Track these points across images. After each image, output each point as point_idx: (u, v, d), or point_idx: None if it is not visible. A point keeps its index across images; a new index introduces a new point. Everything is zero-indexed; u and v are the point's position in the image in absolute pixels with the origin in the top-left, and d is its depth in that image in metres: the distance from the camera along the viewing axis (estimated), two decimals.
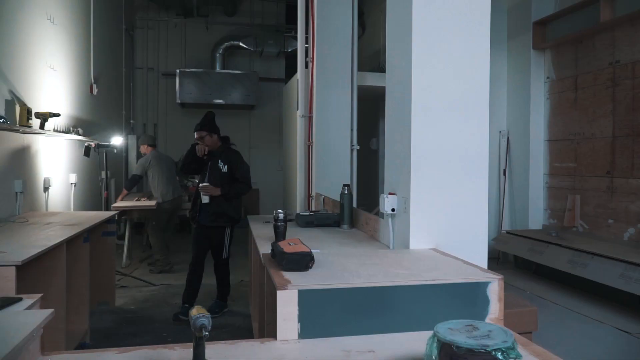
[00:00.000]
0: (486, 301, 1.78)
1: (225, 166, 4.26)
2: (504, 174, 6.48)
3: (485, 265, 2.30)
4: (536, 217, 6.18)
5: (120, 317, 4.26)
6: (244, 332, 3.95)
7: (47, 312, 1.31)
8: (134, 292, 5.02)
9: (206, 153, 4.25)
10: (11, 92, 3.99)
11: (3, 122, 3.46)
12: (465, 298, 1.78)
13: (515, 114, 6.41)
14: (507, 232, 6.03)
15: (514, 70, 6.43)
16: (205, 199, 4.17)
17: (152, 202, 5.86)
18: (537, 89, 6.18)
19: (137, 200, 6.09)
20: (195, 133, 4.27)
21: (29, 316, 1.30)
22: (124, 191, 6.12)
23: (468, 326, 1.34)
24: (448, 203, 2.41)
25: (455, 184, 2.43)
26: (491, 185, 6.13)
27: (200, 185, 4.20)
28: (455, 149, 2.43)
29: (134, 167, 6.06)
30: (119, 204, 5.95)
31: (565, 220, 5.74)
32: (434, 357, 1.29)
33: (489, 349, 1.21)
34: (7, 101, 3.90)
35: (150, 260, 6.23)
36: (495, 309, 1.78)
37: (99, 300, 4.32)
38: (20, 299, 1.48)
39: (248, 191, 4.39)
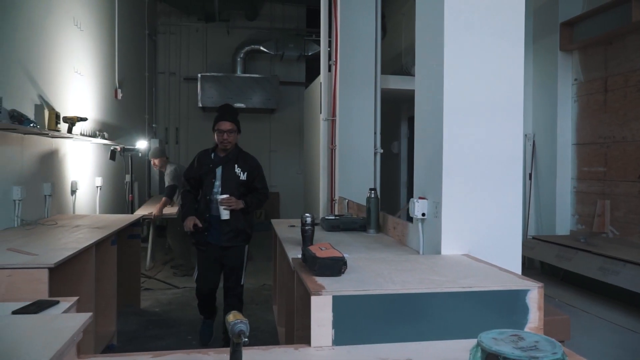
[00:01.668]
0: (525, 310, 1.73)
1: (245, 173, 3.54)
2: (530, 178, 6.37)
3: (519, 272, 2.25)
4: (563, 223, 6.06)
5: (145, 320, 4.28)
6: (267, 336, 3.93)
7: (86, 315, 1.30)
8: (158, 294, 5.05)
9: (192, 230, 3.51)
10: (40, 97, 4.05)
11: (33, 126, 3.51)
12: (503, 306, 1.73)
13: (541, 116, 6.30)
14: (534, 238, 5.92)
15: (540, 72, 6.32)
16: (225, 215, 3.41)
17: (174, 210, 5.85)
18: (565, 91, 6.07)
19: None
20: (218, 124, 3.50)
21: (68, 320, 1.29)
22: (165, 199, 5.84)
23: (513, 336, 1.30)
24: (481, 208, 2.36)
25: (488, 188, 2.38)
26: None
27: (220, 198, 3.41)
28: (489, 152, 2.38)
29: (167, 179, 5.97)
30: (147, 209, 5.97)
31: (594, 226, 5.61)
32: None
33: None
34: (36, 106, 3.96)
35: (173, 263, 6.27)
36: (534, 317, 1.73)
37: (125, 302, 4.34)
38: (57, 302, 1.48)
39: (265, 203, 3.78)
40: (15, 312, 1.49)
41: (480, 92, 2.37)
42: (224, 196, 3.40)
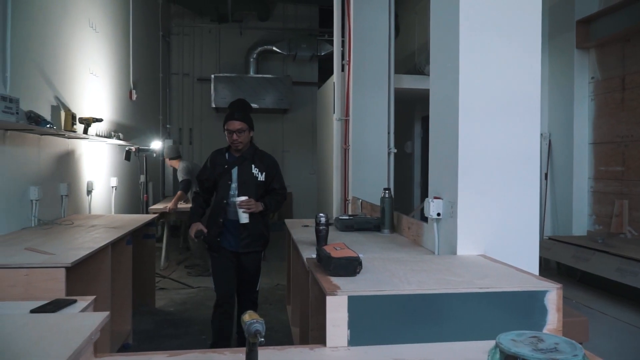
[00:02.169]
0: (544, 311, 1.70)
1: (263, 173, 3.29)
2: (546, 177, 6.30)
3: (536, 272, 2.22)
4: (580, 223, 5.98)
5: (160, 319, 4.30)
6: (281, 336, 3.93)
7: (103, 314, 1.31)
8: (173, 294, 5.08)
9: (194, 238, 3.34)
10: (56, 98, 4.09)
11: (50, 127, 3.55)
12: (521, 307, 1.70)
13: (557, 115, 6.22)
14: (550, 238, 5.84)
15: (556, 70, 6.25)
16: (244, 218, 3.15)
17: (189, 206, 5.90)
18: (581, 89, 5.99)
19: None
20: (227, 124, 3.25)
21: (86, 319, 1.30)
22: (180, 193, 5.86)
23: (532, 338, 1.28)
24: (497, 208, 2.34)
25: (504, 187, 2.35)
26: None
27: (239, 200, 3.14)
28: (505, 151, 2.35)
29: (180, 175, 6.03)
30: (161, 206, 6.02)
31: (612, 226, 5.53)
32: None
33: None
34: (52, 107, 4.00)
35: (187, 262, 6.30)
36: (553, 319, 1.71)
37: (140, 301, 4.37)
38: (74, 301, 1.49)
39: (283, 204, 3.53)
40: (33, 311, 1.50)
41: (496, 90, 2.35)
42: (243, 198, 3.14)
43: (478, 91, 2.33)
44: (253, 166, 3.29)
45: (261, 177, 3.29)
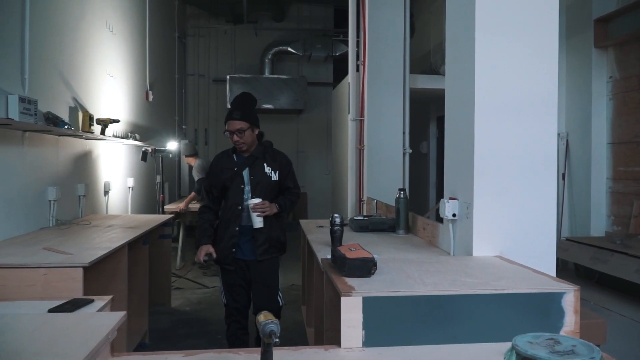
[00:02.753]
0: (561, 313, 1.68)
1: (276, 172, 2.99)
2: (563, 178, 6.21)
3: (553, 274, 2.19)
4: (598, 224, 5.89)
5: (176, 318, 4.34)
6: (295, 336, 3.93)
7: (120, 314, 1.32)
8: (188, 294, 5.12)
9: (206, 260, 3.02)
10: (74, 99, 4.15)
11: (68, 128, 3.60)
12: (538, 309, 1.69)
13: (574, 115, 6.14)
14: (567, 239, 5.76)
15: (574, 69, 6.16)
16: (258, 222, 2.85)
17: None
18: (599, 89, 5.90)
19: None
20: (227, 124, 2.93)
21: (103, 318, 1.32)
22: (193, 194, 5.94)
23: (549, 340, 1.27)
24: (513, 208, 2.31)
25: (521, 188, 2.33)
26: None
27: (252, 203, 2.83)
28: (521, 151, 2.33)
29: (195, 173, 6.12)
30: (176, 206, 6.08)
31: (631, 227, 5.44)
32: None
33: None
34: (70, 108, 4.06)
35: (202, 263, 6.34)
36: (570, 321, 1.69)
37: (156, 301, 4.41)
38: (91, 301, 1.51)
39: (297, 204, 3.19)
40: (51, 311, 1.53)
41: (512, 90, 2.32)
42: (256, 201, 2.84)
43: (494, 90, 2.31)
44: (265, 165, 2.97)
45: (275, 177, 2.99)
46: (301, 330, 4.05)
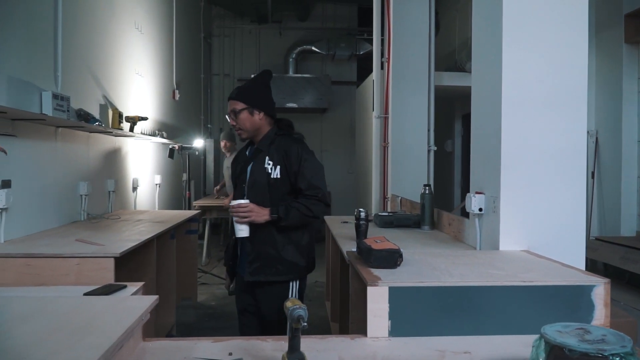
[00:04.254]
0: (591, 306, 1.66)
1: (277, 167, 2.29)
2: (593, 176, 6.10)
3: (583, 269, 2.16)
4: (629, 223, 5.76)
5: (202, 313, 4.41)
6: (320, 332, 3.91)
7: (153, 298, 1.36)
8: (214, 289, 5.18)
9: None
10: (104, 97, 4.25)
11: (98, 124, 3.69)
12: (567, 302, 1.67)
13: (604, 112, 6.02)
14: (597, 239, 5.66)
15: (604, 66, 6.04)
16: (241, 231, 2.24)
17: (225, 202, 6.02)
18: (630, 85, 5.77)
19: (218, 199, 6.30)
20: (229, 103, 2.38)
21: (137, 301, 1.36)
22: (223, 181, 6.10)
23: (578, 329, 1.25)
24: (542, 203, 2.29)
25: (549, 183, 2.30)
26: None
27: (232, 204, 2.24)
28: (550, 145, 2.30)
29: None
30: (202, 202, 6.17)
31: None
32: None
33: (606, 354, 1.12)
34: (101, 105, 4.16)
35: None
36: (600, 314, 1.66)
37: (183, 295, 4.48)
38: (124, 286, 1.56)
39: (322, 214, 2.34)
40: (86, 294, 1.58)
41: (540, 84, 2.30)
42: (237, 202, 2.23)
43: (522, 84, 2.29)
44: (267, 158, 2.32)
45: (275, 174, 2.29)
46: (325, 326, 4.06)
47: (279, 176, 2.29)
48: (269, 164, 2.30)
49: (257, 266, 2.28)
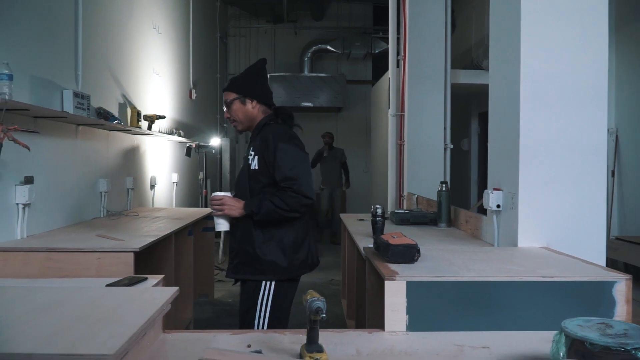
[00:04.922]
0: (612, 302, 1.64)
1: (256, 158, 2.18)
2: (613, 175, 6.00)
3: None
4: None
5: (219, 309, 4.44)
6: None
7: (173, 289, 1.38)
8: (230, 286, 5.20)
9: None
10: (123, 96, 4.30)
11: (118, 123, 3.74)
12: (587, 298, 1.65)
13: (625, 110, 5.92)
14: (617, 238, 5.57)
15: (624, 62, 5.95)
16: (218, 224, 2.19)
17: None
18: None
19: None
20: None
21: (158, 292, 1.38)
22: None
23: (600, 324, 1.24)
24: (560, 200, 2.27)
25: (568, 179, 2.28)
26: None
27: (212, 196, 2.19)
28: (569, 142, 2.28)
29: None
30: None
31: None
32: (561, 355, 1.20)
33: (628, 348, 1.11)
34: (120, 104, 4.22)
35: None
36: (622, 311, 1.64)
37: (200, 292, 4.52)
38: (145, 279, 1.58)
39: (301, 207, 2.12)
40: (108, 285, 1.61)
41: (559, 79, 2.28)
42: (215, 194, 2.18)
43: (540, 79, 2.27)
44: (251, 149, 2.24)
45: (254, 164, 2.18)
46: (341, 324, 4.07)
47: (257, 167, 2.17)
48: (251, 155, 2.20)
49: (236, 263, 2.20)
